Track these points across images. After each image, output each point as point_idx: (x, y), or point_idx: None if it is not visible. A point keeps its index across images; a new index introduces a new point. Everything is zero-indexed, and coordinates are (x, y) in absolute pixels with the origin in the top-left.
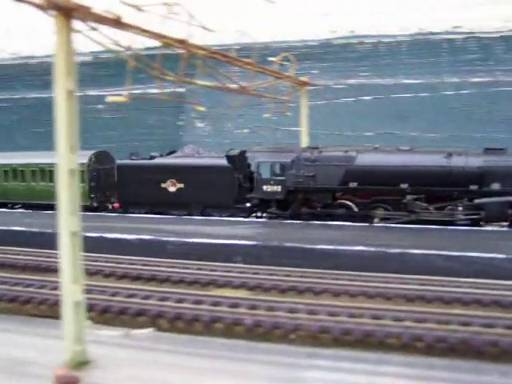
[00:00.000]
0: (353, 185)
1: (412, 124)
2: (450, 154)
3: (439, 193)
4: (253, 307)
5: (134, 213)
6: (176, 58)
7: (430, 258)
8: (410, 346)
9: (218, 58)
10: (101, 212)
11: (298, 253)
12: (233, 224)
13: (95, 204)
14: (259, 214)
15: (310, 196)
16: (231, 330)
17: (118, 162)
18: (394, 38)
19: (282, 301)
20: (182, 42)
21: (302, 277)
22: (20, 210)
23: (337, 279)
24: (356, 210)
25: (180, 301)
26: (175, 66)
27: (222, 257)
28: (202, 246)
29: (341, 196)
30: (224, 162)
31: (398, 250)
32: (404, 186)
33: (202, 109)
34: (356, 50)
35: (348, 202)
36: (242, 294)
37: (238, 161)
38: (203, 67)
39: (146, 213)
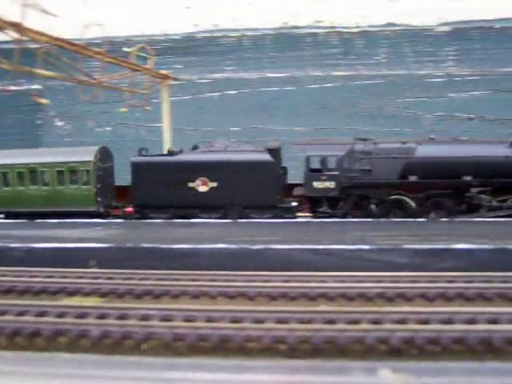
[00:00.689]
0: (412, 178)
1: (278, 118)
2: None
3: (504, 184)
4: (102, 316)
5: (151, 218)
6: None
7: (295, 253)
8: (272, 349)
9: (63, 46)
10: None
11: (156, 254)
12: (90, 226)
13: (102, 209)
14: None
15: (365, 192)
16: (77, 343)
17: (134, 159)
18: (257, 32)
19: (135, 307)
20: (15, 26)
21: (158, 279)
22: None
23: (196, 280)
24: (413, 205)
25: (21, 314)
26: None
27: (75, 262)
28: (54, 252)
29: (395, 191)
30: (266, 156)
31: (261, 246)
32: (468, 178)
33: (43, 101)
34: (220, 43)
35: (405, 198)
36: (93, 301)
37: (279, 155)
38: (45, 56)
39: (169, 218)
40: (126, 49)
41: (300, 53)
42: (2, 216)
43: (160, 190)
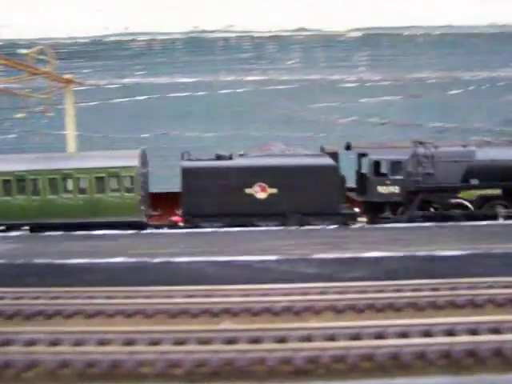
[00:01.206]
0: (474, 182)
1: (190, 123)
2: None
3: None
4: None
5: (201, 227)
6: None
7: (198, 266)
8: (166, 374)
9: None
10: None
11: (49, 269)
12: None
13: (144, 219)
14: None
15: (428, 196)
16: None
17: (184, 163)
18: (168, 36)
19: (21, 331)
20: None
21: (52, 298)
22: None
23: (91, 298)
24: (472, 208)
25: None
26: None
27: None
28: None
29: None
30: (329, 160)
31: (161, 259)
32: None
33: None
34: (129, 47)
35: (464, 202)
36: None
37: (337, 159)
38: None
39: (223, 226)
40: (22, 50)
41: (212, 57)
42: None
43: (213, 196)
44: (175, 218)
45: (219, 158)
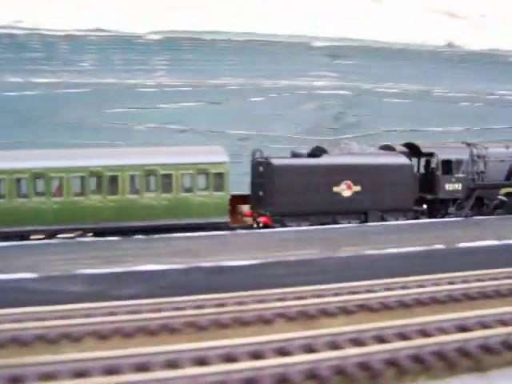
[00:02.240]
0: None
1: None
2: None
3: None
4: None
5: (287, 226)
6: None
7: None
8: None
9: None
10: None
11: None
12: None
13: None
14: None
15: (482, 193)
16: None
17: (275, 161)
18: None
19: None
20: None
21: None
22: None
23: None
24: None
25: None
26: None
27: None
28: None
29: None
30: (404, 159)
31: None
32: None
33: None
34: None
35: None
36: None
37: (410, 158)
38: None
39: (310, 225)
40: None
41: None
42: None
43: (302, 195)
44: (263, 219)
45: (309, 155)
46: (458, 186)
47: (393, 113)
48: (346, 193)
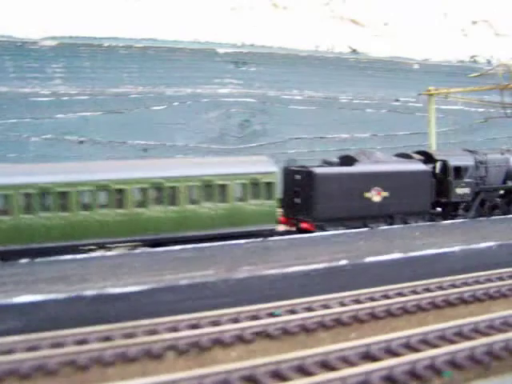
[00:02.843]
0: (510, 183)
1: None
2: None
3: None
4: None
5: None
6: None
7: None
8: None
9: None
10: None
11: None
12: None
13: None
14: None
15: (485, 196)
16: None
17: (317, 170)
18: None
19: None
20: None
21: None
22: None
23: None
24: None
25: None
26: None
27: None
28: None
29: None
30: (423, 166)
31: None
32: None
33: None
34: None
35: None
36: None
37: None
38: None
39: (346, 229)
40: None
41: None
42: None
43: (339, 201)
44: (305, 225)
45: (342, 163)
46: (467, 190)
47: (299, 120)
48: (376, 198)
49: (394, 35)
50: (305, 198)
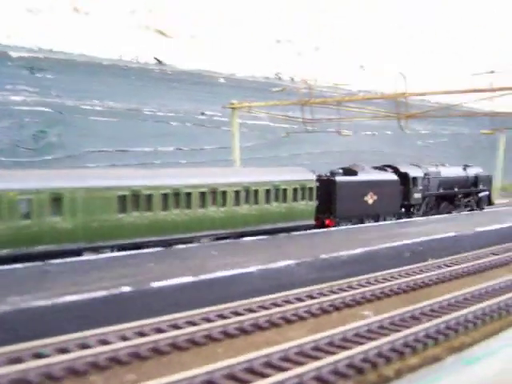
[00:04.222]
0: (440, 190)
1: None
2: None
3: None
4: None
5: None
6: None
7: None
8: None
9: None
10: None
11: None
12: None
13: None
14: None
15: (429, 200)
16: None
17: (338, 178)
18: None
19: None
20: None
21: None
22: None
23: None
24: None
25: None
26: None
27: None
28: None
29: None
30: (395, 176)
31: None
32: (456, 189)
33: None
34: None
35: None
36: None
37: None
38: None
39: (354, 224)
40: None
41: None
42: None
43: (350, 202)
44: (329, 221)
45: (352, 173)
46: (420, 195)
47: (99, 132)
48: (370, 201)
49: (202, 48)
50: (329, 201)
